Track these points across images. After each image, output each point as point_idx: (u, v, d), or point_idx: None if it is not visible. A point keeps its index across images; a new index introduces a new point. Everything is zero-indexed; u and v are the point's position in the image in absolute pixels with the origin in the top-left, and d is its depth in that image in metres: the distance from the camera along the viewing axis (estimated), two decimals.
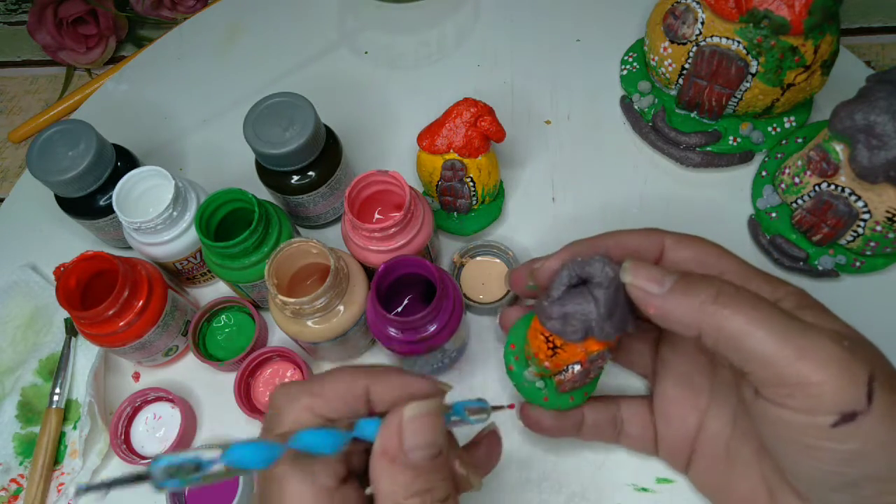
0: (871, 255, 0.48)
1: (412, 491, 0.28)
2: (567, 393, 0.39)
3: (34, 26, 0.65)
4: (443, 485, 0.29)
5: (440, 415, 0.29)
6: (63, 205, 0.49)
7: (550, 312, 0.35)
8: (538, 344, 0.36)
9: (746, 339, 0.30)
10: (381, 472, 0.28)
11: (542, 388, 0.39)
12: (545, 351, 0.36)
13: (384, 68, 0.62)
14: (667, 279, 0.32)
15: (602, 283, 0.33)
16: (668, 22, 0.51)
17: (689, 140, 0.53)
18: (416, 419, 0.28)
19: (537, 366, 0.38)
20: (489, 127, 0.47)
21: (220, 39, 0.65)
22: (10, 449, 0.47)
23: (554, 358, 0.36)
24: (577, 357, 0.35)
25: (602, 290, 0.33)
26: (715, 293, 0.31)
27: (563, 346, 0.35)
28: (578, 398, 0.39)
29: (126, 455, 0.45)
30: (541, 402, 0.39)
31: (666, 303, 0.32)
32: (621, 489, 0.44)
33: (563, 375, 0.37)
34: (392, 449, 0.28)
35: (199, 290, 0.53)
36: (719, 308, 0.30)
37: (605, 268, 0.33)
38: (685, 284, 0.32)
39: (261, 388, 0.48)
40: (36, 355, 0.50)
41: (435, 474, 0.28)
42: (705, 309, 0.31)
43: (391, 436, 0.28)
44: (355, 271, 0.45)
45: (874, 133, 0.41)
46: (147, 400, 0.48)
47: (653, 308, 0.32)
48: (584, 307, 0.34)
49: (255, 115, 0.47)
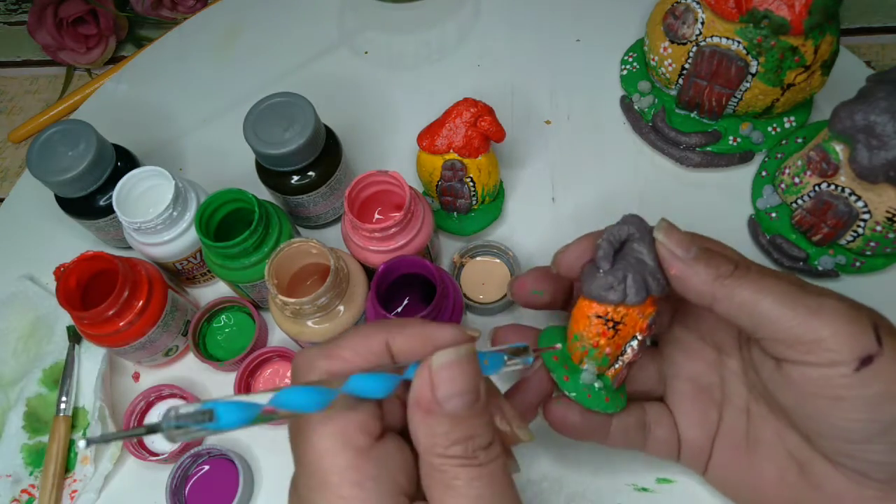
0: (871, 256, 0.48)
1: (452, 439, 0.27)
2: (619, 389, 0.38)
3: (34, 26, 0.65)
4: (485, 431, 0.28)
5: (472, 360, 0.28)
6: (63, 205, 0.49)
7: (610, 281, 0.34)
8: (595, 329, 0.35)
9: (758, 305, 0.32)
10: (418, 424, 0.27)
11: (601, 389, 0.37)
12: (605, 334, 0.35)
13: (384, 68, 0.62)
14: (693, 247, 0.33)
15: (643, 236, 0.34)
16: (668, 22, 0.51)
17: (689, 140, 0.53)
18: (445, 367, 0.27)
19: (596, 358, 0.36)
20: (489, 127, 0.47)
21: (220, 39, 0.65)
22: (18, 460, 0.47)
23: (615, 337, 0.35)
24: (637, 327, 0.35)
25: (644, 244, 0.34)
26: (731, 269, 0.33)
27: (623, 320, 0.35)
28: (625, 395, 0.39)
29: (137, 451, 0.45)
30: (604, 405, 0.37)
31: (688, 268, 0.33)
32: (621, 489, 0.44)
33: (620, 360, 0.36)
34: (425, 400, 0.27)
35: (199, 291, 0.53)
36: (734, 280, 0.32)
37: (643, 222, 0.35)
38: (708, 256, 0.33)
39: (261, 388, 0.48)
40: (39, 365, 0.50)
41: (474, 420, 0.28)
42: (722, 282, 0.33)
43: (423, 386, 0.27)
44: (355, 271, 0.45)
45: (874, 133, 0.41)
46: (161, 396, 0.48)
47: (675, 269, 0.34)
48: (637, 264, 0.34)
49: (255, 115, 0.47)
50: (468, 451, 0.27)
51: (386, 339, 0.29)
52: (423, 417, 0.27)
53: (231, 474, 0.45)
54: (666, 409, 0.41)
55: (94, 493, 0.46)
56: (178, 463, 0.44)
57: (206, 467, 0.46)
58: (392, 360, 0.29)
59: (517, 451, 0.45)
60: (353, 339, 0.29)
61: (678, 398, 0.40)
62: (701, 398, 0.39)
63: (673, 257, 0.34)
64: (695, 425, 0.39)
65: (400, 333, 0.29)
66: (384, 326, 0.30)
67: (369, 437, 0.27)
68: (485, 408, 0.28)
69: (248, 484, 0.45)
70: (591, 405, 0.37)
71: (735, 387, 0.39)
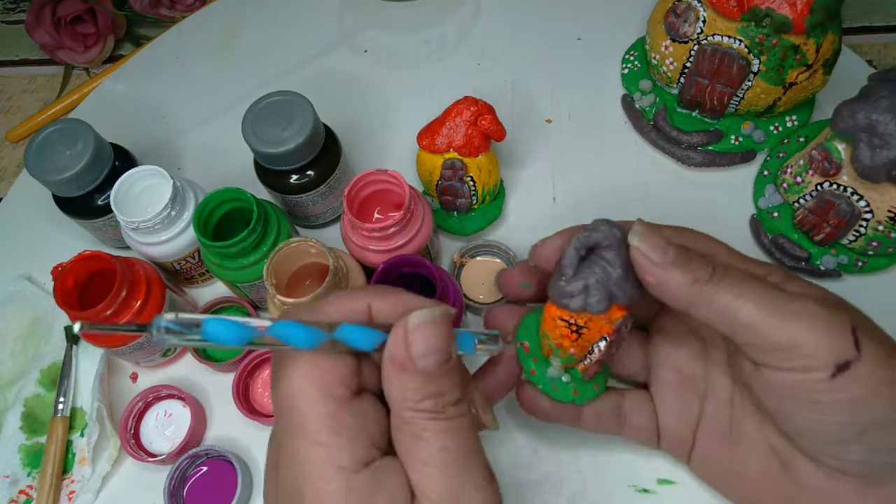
0: (874, 255, 0.48)
1: (422, 395, 0.28)
2: (591, 381, 0.38)
3: (32, 25, 0.65)
4: (454, 389, 0.29)
5: (446, 323, 0.29)
6: (61, 204, 0.49)
7: (570, 290, 0.34)
8: (559, 332, 0.35)
9: (737, 312, 0.32)
10: (391, 379, 0.29)
11: (569, 382, 0.38)
12: (569, 336, 0.35)
13: (384, 67, 0.62)
14: (670, 251, 0.33)
15: (612, 244, 0.33)
16: (670, 20, 0.50)
17: (691, 139, 0.53)
18: (420, 327, 0.28)
19: (561, 357, 0.36)
20: (489, 126, 0.47)
21: (219, 38, 0.65)
22: (16, 460, 0.47)
23: (579, 340, 0.35)
24: (603, 331, 0.35)
25: (612, 251, 0.33)
26: (710, 272, 0.32)
27: (587, 325, 0.34)
28: (602, 384, 0.39)
29: (135, 451, 0.45)
30: (571, 398, 0.38)
31: (665, 273, 0.33)
32: (622, 490, 0.44)
33: (588, 359, 0.36)
34: (400, 356, 0.28)
35: (198, 291, 0.53)
36: (711, 286, 0.32)
37: (612, 229, 0.33)
38: (685, 260, 0.33)
39: (259, 389, 0.48)
40: (37, 365, 0.49)
41: (445, 379, 0.29)
42: (699, 287, 0.32)
43: (398, 343, 0.28)
44: (354, 271, 0.45)
45: (876, 132, 0.41)
46: (159, 396, 0.48)
47: (651, 276, 0.33)
48: (601, 273, 0.33)
49: (253, 114, 0.47)
50: (437, 406, 0.28)
51: (368, 302, 0.31)
52: (396, 373, 0.28)
53: (229, 475, 0.44)
54: (647, 397, 0.41)
55: (91, 493, 0.46)
56: (176, 464, 0.44)
57: (204, 468, 0.46)
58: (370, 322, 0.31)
59: (520, 453, 0.45)
60: (338, 298, 0.31)
61: (661, 387, 0.40)
62: (684, 388, 0.39)
63: (648, 263, 0.33)
64: (676, 415, 0.40)
65: (382, 298, 0.31)
66: (368, 290, 0.31)
67: (348, 390, 0.29)
68: (455, 368, 0.30)
69: (246, 485, 0.44)
70: (557, 397, 0.38)
71: (719, 378, 0.39)
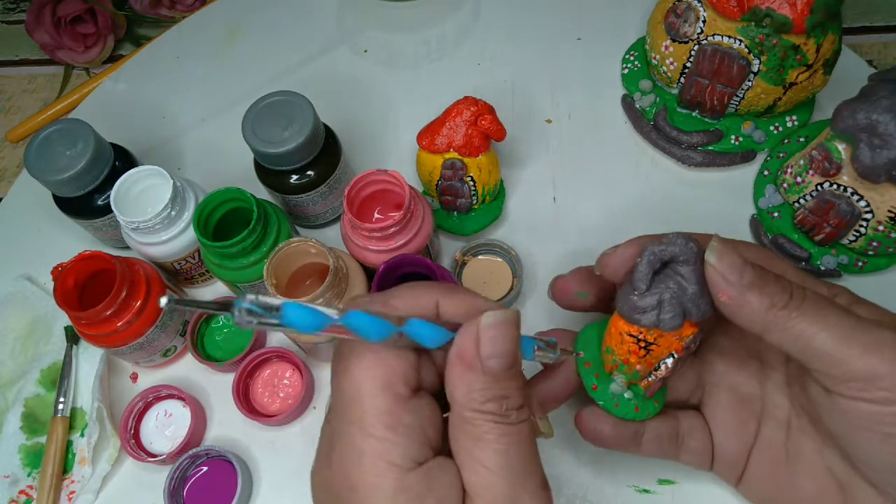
0: (874, 255, 0.48)
1: (488, 396, 0.28)
2: (652, 398, 0.37)
3: (32, 25, 0.65)
4: (518, 393, 0.29)
5: (515, 326, 0.29)
6: (61, 204, 0.49)
7: (643, 305, 0.33)
8: (627, 347, 0.34)
9: (813, 340, 0.31)
10: (457, 378, 0.29)
11: (631, 399, 0.37)
12: (636, 353, 0.34)
13: (384, 67, 0.62)
14: (746, 272, 0.32)
15: (688, 258, 0.32)
16: (670, 20, 0.50)
17: (691, 139, 0.53)
18: (492, 327, 0.28)
19: (626, 373, 0.35)
20: (489, 126, 0.47)
21: (219, 38, 0.65)
22: (16, 461, 0.47)
23: (647, 357, 0.34)
24: (672, 347, 0.34)
25: (689, 266, 0.32)
26: (787, 298, 0.31)
27: (656, 341, 0.33)
28: (661, 401, 0.38)
29: (135, 451, 0.45)
30: (633, 414, 0.37)
31: (740, 297, 0.32)
32: (622, 490, 0.44)
33: (654, 375, 0.35)
34: (469, 355, 0.28)
35: (198, 291, 0.53)
36: (788, 311, 0.31)
37: (689, 243, 0.32)
38: (762, 283, 0.32)
39: (259, 389, 0.48)
40: (37, 365, 0.49)
41: (510, 382, 0.29)
42: (775, 313, 0.31)
43: (468, 342, 0.28)
44: (354, 271, 0.44)
45: (876, 132, 0.41)
46: (159, 396, 0.48)
47: (725, 296, 0.32)
48: (676, 289, 0.32)
49: (253, 114, 0.46)
50: (501, 408, 0.28)
51: (436, 300, 0.31)
52: (463, 372, 0.28)
53: (230, 475, 0.44)
54: (701, 419, 0.40)
55: (91, 494, 0.46)
56: (177, 464, 0.44)
57: (204, 468, 0.45)
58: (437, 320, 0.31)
59: None
60: (406, 292, 0.31)
61: (716, 408, 0.39)
62: (740, 409, 0.38)
63: (724, 282, 0.32)
64: (732, 436, 0.39)
65: (450, 296, 0.31)
66: (436, 287, 0.31)
67: (408, 387, 0.29)
68: (520, 373, 0.30)
69: (246, 485, 0.44)
70: (619, 413, 0.37)
71: (777, 399, 0.38)
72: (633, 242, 0.35)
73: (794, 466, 0.37)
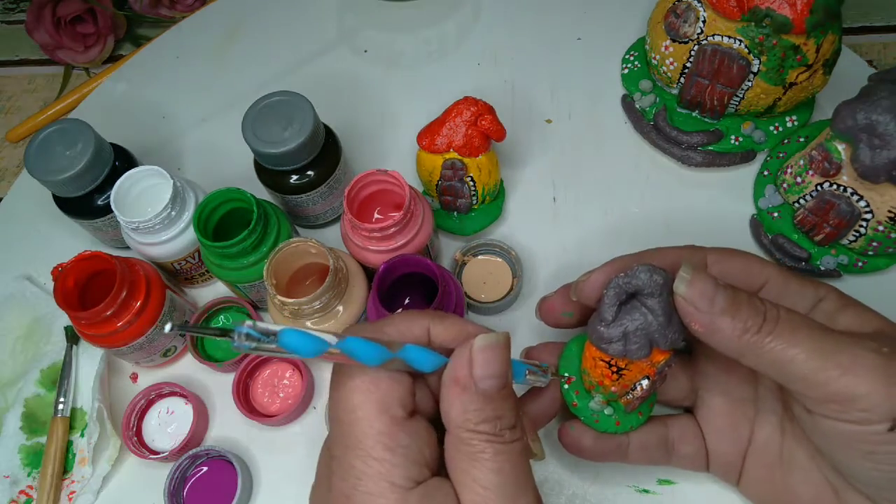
0: (874, 256, 0.48)
1: (482, 417, 0.29)
2: (635, 410, 0.38)
3: (32, 25, 0.65)
4: (511, 413, 0.30)
5: (507, 349, 0.30)
6: (61, 204, 0.49)
7: (609, 336, 0.33)
8: (600, 371, 0.35)
9: (789, 364, 0.31)
10: (453, 399, 0.29)
11: (611, 415, 0.37)
12: (609, 376, 0.35)
13: (384, 67, 0.62)
14: (718, 297, 0.32)
15: (653, 291, 0.32)
16: (670, 20, 0.50)
17: (691, 139, 0.53)
18: (485, 350, 0.29)
19: (603, 393, 0.36)
20: (489, 126, 0.47)
21: (219, 38, 0.65)
22: (16, 461, 0.47)
23: (620, 381, 0.35)
24: (645, 372, 0.34)
25: (654, 298, 0.32)
26: (760, 322, 0.31)
27: (627, 367, 0.34)
28: (646, 412, 0.38)
29: (137, 448, 0.45)
30: (614, 428, 0.38)
31: (713, 323, 0.32)
32: (622, 490, 0.44)
33: (631, 395, 0.35)
34: (463, 377, 0.29)
35: (198, 291, 0.53)
36: (761, 337, 0.31)
37: (653, 276, 0.32)
38: (734, 309, 0.32)
39: (259, 389, 0.48)
40: (37, 365, 0.49)
41: (503, 402, 0.30)
42: (748, 338, 0.31)
43: (462, 365, 0.29)
44: (354, 271, 0.44)
45: (876, 132, 0.41)
46: (161, 394, 0.48)
47: (698, 324, 0.32)
48: (642, 321, 0.33)
49: (253, 114, 0.46)
50: (495, 428, 0.29)
51: (428, 326, 0.32)
52: (458, 393, 0.29)
53: (230, 476, 0.44)
54: (693, 423, 0.40)
55: (91, 494, 0.46)
56: (177, 464, 0.44)
57: (204, 468, 0.45)
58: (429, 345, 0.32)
59: None
60: (399, 320, 0.32)
61: (709, 412, 0.39)
62: (733, 413, 0.39)
63: (695, 312, 0.32)
64: (725, 441, 0.39)
65: (440, 322, 0.32)
66: (427, 314, 0.32)
67: (404, 410, 0.30)
68: (512, 394, 0.31)
69: (246, 485, 0.44)
70: (600, 428, 0.38)
71: (770, 403, 0.38)
72: (605, 269, 0.36)
73: (789, 471, 0.37)
